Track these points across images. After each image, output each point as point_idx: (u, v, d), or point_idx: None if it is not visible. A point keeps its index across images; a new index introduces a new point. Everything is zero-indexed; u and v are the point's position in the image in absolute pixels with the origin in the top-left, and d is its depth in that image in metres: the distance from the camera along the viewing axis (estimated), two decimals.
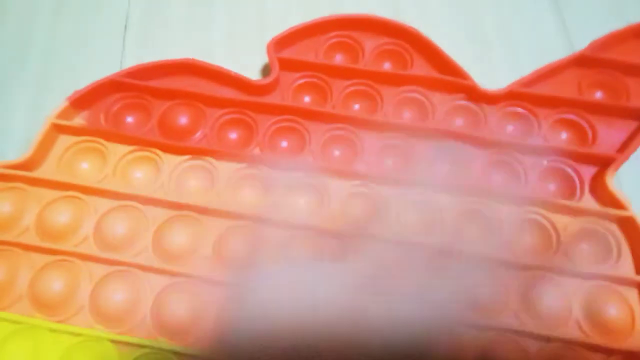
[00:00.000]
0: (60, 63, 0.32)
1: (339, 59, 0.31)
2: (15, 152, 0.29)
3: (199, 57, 0.29)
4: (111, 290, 0.25)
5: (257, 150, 0.28)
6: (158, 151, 0.28)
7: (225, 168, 0.28)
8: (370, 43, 0.31)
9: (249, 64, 0.31)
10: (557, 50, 0.32)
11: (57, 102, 0.28)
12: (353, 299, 0.24)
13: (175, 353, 0.23)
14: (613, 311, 0.25)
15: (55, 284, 0.25)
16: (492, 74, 0.32)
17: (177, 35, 0.33)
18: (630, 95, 0.29)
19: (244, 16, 0.34)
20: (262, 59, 0.31)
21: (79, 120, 0.29)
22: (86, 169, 0.28)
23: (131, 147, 0.28)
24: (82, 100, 0.29)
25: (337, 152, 0.29)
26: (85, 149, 0.28)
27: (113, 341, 0.24)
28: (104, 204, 0.27)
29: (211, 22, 0.33)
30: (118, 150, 0.28)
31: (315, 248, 0.26)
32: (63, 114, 0.28)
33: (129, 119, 0.29)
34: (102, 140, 0.28)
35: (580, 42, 0.32)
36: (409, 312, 0.23)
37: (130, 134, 0.28)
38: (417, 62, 0.30)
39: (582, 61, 0.30)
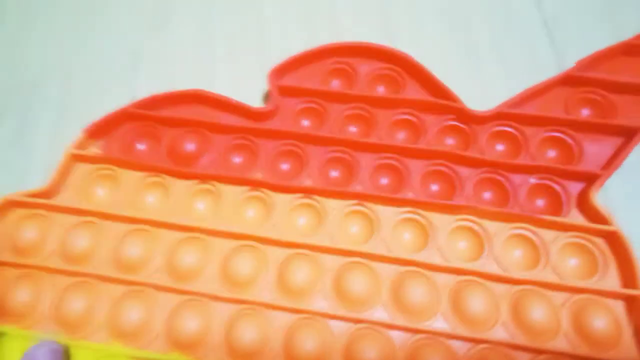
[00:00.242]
0: (76, 96, 0.34)
1: (335, 84, 0.33)
2: (36, 179, 0.31)
3: (205, 87, 0.31)
4: (127, 308, 0.27)
5: (259, 175, 0.30)
6: (167, 177, 0.30)
7: (229, 191, 0.30)
8: (364, 68, 0.32)
9: (251, 90, 0.33)
10: (547, 68, 0.34)
11: (74, 132, 0.30)
12: None
13: None
14: (600, 323, 0.26)
15: (76, 303, 0.27)
16: (484, 92, 0.33)
17: (184, 68, 0.35)
18: (616, 112, 0.30)
19: (246, 45, 0.36)
20: (264, 85, 0.33)
21: (94, 149, 0.31)
22: (102, 195, 0.30)
23: (143, 174, 0.30)
24: (98, 131, 0.31)
25: (334, 173, 0.30)
26: (101, 176, 0.31)
27: (130, 357, 0.26)
28: (119, 228, 0.29)
29: (215, 54, 0.35)
30: (131, 176, 0.30)
31: (314, 267, 0.28)
32: (80, 144, 0.30)
33: (141, 147, 0.31)
34: (116, 168, 0.30)
35: (570, 60, 0.33)
36: None
37: (142, 162, 0.30)
38: (409, 86, 0.32)
39: (568, 80, 0.31)
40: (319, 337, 0.26)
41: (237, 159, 0.31)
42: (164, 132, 0.31)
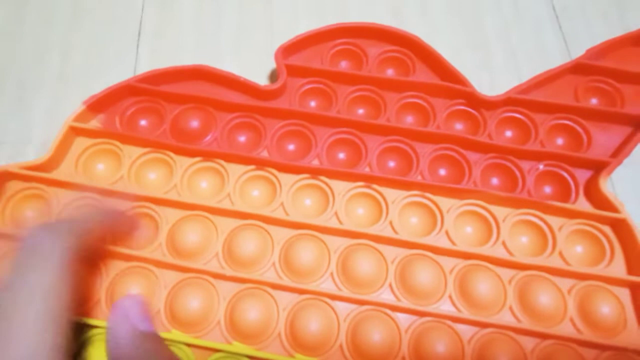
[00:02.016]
0: (77, 68, 0.33)
1: (343, 65, 0.32)
2: (34, 153, 0.30)
3: (210, 63, 0.31)
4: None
5: (265, 153, 0.29)
6: (171, 153, 0.29)
7: (234, 169, 0.29)
8: (374, 50, 0.32)
9: (257, 69, 0.32)
10: (554, 57, 0.34)
11: (74, 106, 0.30)
12: None
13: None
14: (606, 310, 0.26)
15: None
16: (493, 79, 0.33)
17: (189, 42, 0.34)
18: (624, 102, 0.30)
19: (253, 23, 0.35)
20: (270, 64, 0.32)
21: (95, 123, 0.30)
22: (102, 170, 0.29)
23: (145, 149, 0.30)
24: (99, 104, 0.30)
25: (341, 155, 0.30)
26: (101, 151, 0.30)
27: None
28: (121, 205, 0.28)
29: (221, 29, 0.35)
30: (132, 152, 0.29)
31: (320, 248, 0.27)
32: (80, 117, 0.29)
33: (143, 122, 0.31)
34: (117, 143, 0.30)
35: (577, 49, 0.33)
36: None
37: (144, 137, 0.29)
38: (419, 69, 0.32)
39: (578, 68, 0.31)
40: (325, 317, 0.25)
41: (242, 138, 0.30)
42: (167, 108, 0.30)
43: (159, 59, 0.34)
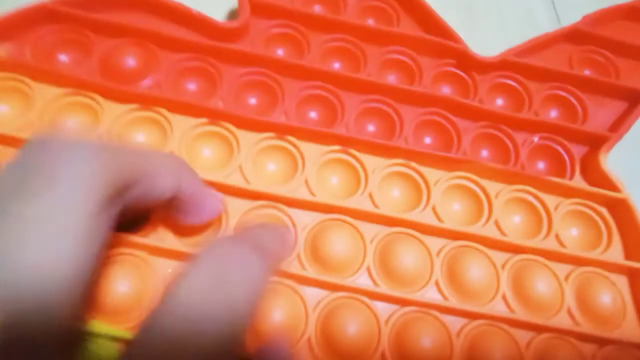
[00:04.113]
0: None
1: (318, 9, 0.27)
2: None
3: None
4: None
5: (219, 104, 0.24)
6: (98, 97, 0.23)
7: (180, 122, 0.23)
8: None
9: (213, 4, 0.27)
10: (543, 24, 0.31)
11: None
12: None
13: None
14: (604, 299, 0.23)
15: None
16: (479, 44, 0.29)
17: None
18: (619, 76, 0.28)
19: None
20: (228, 1, 0.27)
21: (0, 52, 0.23)
22: (5, 112, 0.23)
23: (64, 90, 0.23)
24: (4, 28, 0.23)
25: (313, 114, 0.25)
26: (5, 88, 0.23)
27: None
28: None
29: None
30: (47, 92, 0.23)
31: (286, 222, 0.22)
32: None
33: (63, 57, 0.24)
34: (27, 79, 0.23)
35: (567, 18, 0.31)
36: None
37: (64, 73, 0.23)
38: (403, 22, 0.27)
39: (574, 35, 0.28)
40: (293, 306, 0.21)
41: (191, 85, 0.25)
42: (96, 40, 0.24)
43: None
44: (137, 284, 0.20)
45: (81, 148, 0.13)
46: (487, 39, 0.30)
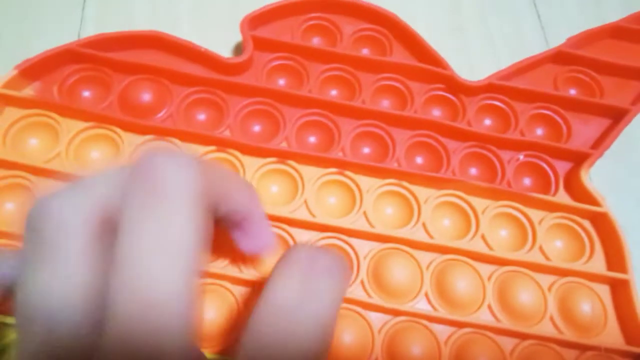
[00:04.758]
0: (10, 28, 0.29)
1: (316, 42, 0.29)
2: None
3: (166, 30, 0.27)
4: None
5: (227, 133, 0.26)
6: (118, 129, 0.26)
7: (192, 150, 0.26)
8: (348, 28, 0.30)
9: (220, 40, 0.29)
10: (534, 47, 0.32)
11: (4, 70, 0.25)
12: None
13: None
14: (586, 308, 0.24)
15: None
16: (471, 65, 0.31)
17: (143, 5, 0.31)
18: (603, 94, 0.29)
19: None
20: (234, 36, 0.29)
21: (28, 91, 0.26)
22: (35, 146, 0.25)
23: (87, 124, 0.26)
24: (34, 70, 0.26)
25: (312, 139, 0.27)
26: (35, 124, 0.26)
27: None
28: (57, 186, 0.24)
29: None
30: (73, 126, 0.26)
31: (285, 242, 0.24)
32: (11, 84, 0.25)
33: (86, 94, 0.27)
34: (54, 115, 0.26)
35: (555, 39, 0.32)
36: None
37: (87, 109, 0.26)
38: (396, 50, 0.29)
39: (558, 57, 0.30)
40: None
41: (201, 116, 0.27)
42: (115, 78, 0.27)
43: (108, 22, 0.30)
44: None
45: (184, 165, 0.13)
46: (477, 59, 0.32)
